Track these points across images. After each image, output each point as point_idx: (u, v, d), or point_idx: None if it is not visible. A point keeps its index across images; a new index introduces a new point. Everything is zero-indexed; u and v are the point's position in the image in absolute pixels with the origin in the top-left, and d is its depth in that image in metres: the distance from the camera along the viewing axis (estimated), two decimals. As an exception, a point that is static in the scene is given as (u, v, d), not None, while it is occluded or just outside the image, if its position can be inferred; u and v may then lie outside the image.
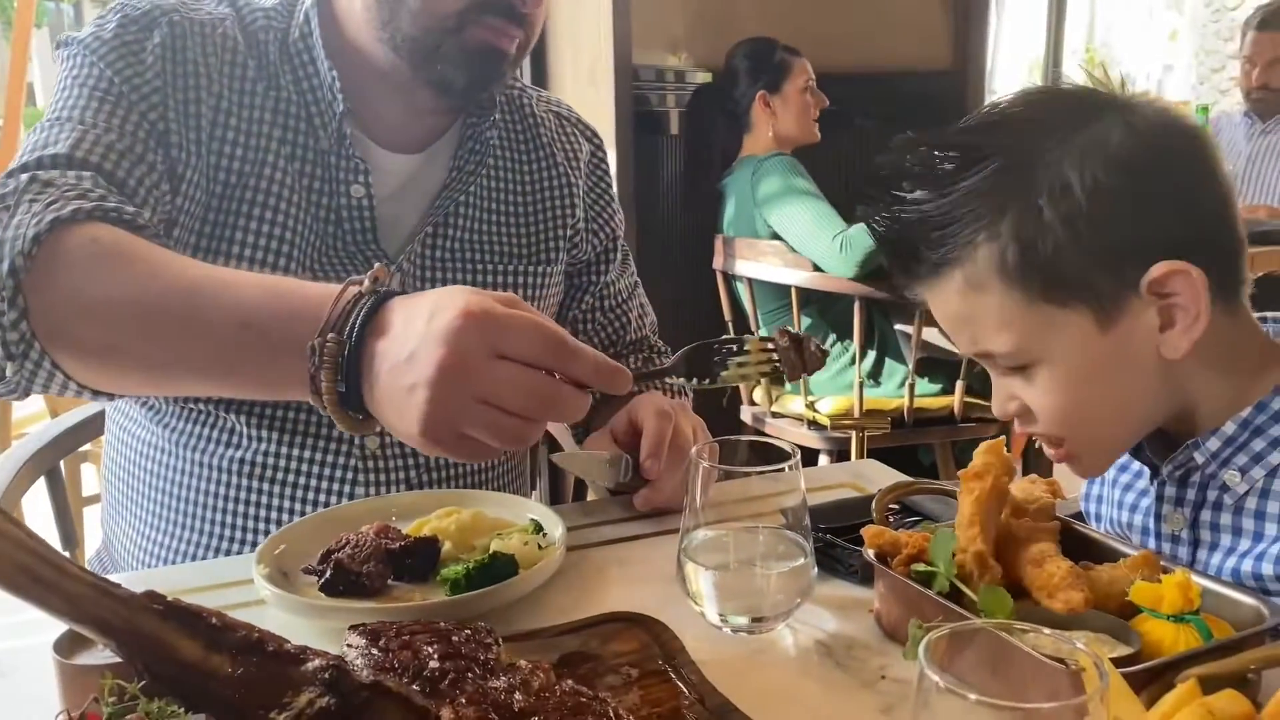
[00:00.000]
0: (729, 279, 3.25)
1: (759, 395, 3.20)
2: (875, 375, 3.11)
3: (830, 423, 3.00)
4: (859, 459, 2.76)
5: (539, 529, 1.03)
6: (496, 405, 0.79)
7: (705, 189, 3.35)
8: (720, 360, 0.93)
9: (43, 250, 0.93)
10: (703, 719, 0.76)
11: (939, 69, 3.93)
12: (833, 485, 1.25)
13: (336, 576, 0.93)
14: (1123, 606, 0.82)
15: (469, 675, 0.67)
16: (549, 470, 1.67)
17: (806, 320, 3.09)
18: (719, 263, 3.23)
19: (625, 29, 3.26)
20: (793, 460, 0.90)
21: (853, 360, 2.98)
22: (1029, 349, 0.95)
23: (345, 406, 0.85)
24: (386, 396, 0.82)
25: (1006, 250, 0.92)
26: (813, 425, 3.05)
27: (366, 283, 0.86)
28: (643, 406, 1.17)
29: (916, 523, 1.02)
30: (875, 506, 0.98)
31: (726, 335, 1.49)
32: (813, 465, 2.76)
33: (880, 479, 1.27)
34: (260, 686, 0.60)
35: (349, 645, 0.72)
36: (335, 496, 1.21)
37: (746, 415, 3.27)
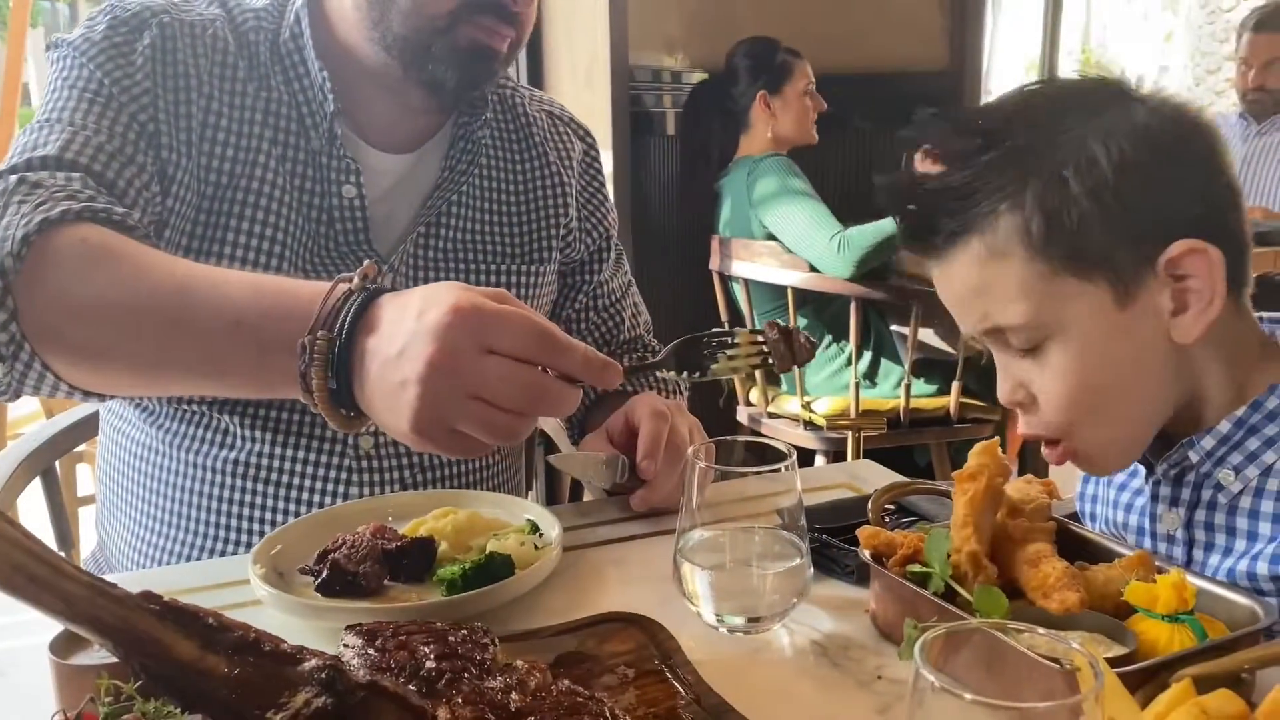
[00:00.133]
0: (725, 279, 3.25)
1: (755, 395, 3.20)
2: (871, 376, 3.11)
3: (826, 423, 3.00)
4: (855, 459, 2.77)
5: (535, 529, 1.04)
6: (487, 400, 0.79)
7: (701, 189, 3.35)
8: (710, 353, 0.93)
9: (32, 251, 0.93)
10: (699, 719, 0.76)
11: (935, 69, 3.93)
12: (828, 486, 1.25)
13: (333, 576, 0.93)
14: (1118, 606, 0.82)
15: (465, 675, 0.67)
16: (545, 471, 1.67)
17: (802, 321, 3.09)
18: (715, 263, 3.23)
19: (622, 29, 3.26)
20: (789, 461, 0.90)
21: (849, 361, 2.98)
22: (1045, 322, 0.95)
23: (336, 404, 0.85)
24: (377, 393, 0.82)
25: (1031, 220, 0.93)
26: (809, 426, 3.05)
27: (356, 280, 0.85)
28: (639, 407, 1.17)
29: (912, 523, 1.02)
30: (871, 507, 0.98)
31: (716, 329, 1.49)
32: (808, 466, 2.76)
33: (876, 479, 1.27)
34: (256, 686, 0.60)
35: (345, 645, 0.72)
36: (330, 497, 1.21)
37: (743, 415, 3.27)
